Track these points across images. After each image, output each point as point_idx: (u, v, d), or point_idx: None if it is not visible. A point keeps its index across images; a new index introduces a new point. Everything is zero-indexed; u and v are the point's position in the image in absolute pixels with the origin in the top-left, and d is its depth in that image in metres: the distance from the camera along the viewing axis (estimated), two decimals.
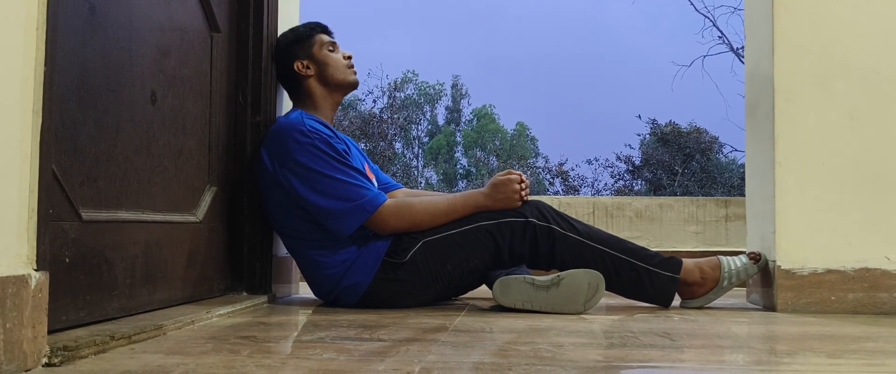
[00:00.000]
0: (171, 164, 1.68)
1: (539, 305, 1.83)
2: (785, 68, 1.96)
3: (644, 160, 17.20)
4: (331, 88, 2.08)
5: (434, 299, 1.98)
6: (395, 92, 20.96)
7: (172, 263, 1.68)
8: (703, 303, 1.98)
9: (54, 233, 1.23)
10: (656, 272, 1.93)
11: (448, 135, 26.98)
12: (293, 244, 1.99)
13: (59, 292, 1.25)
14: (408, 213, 1.90)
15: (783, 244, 1.92)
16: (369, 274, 1.88)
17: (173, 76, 1.69)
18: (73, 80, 1.31)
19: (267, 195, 1.96)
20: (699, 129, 16.84)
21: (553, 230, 1.91)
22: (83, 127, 1.35)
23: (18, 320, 1.01)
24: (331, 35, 2.13)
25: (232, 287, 1.99)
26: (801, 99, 1.95)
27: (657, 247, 2.89)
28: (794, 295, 1.90)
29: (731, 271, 1.96)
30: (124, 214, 1.49)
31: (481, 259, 1.92)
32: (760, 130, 2.07)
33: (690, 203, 3.10)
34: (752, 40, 2.16)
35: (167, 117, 1.66)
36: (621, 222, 3.07)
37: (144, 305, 1.55)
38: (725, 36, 15.07)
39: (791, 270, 1.91)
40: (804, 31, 1.96)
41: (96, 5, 1.39)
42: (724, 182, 16.11)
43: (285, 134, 1.90)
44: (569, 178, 17.79)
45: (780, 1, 1.96)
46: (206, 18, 1.87)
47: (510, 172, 1.97)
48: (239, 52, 2.02)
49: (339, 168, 1.88)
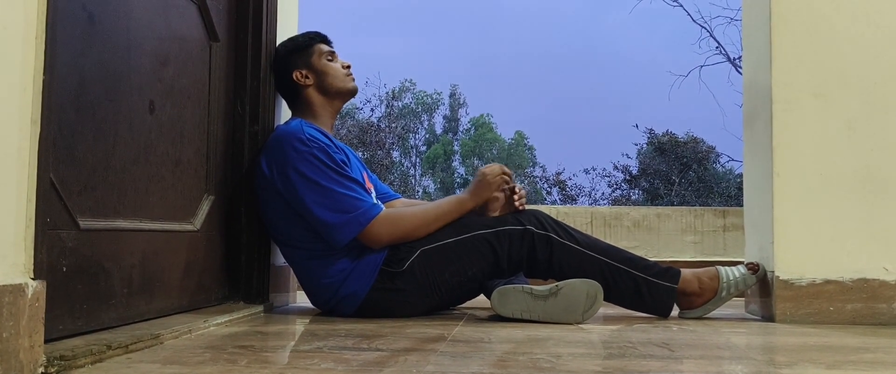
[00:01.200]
0: (169, 173, 1.68)
1: (537, 315, 1.82)
2: (782, 79, 1.96)
3: (641, 170, 17.21)
4: (330, 96, 2.08)
5: (432, 308, 1.98)
6: (393, 101, 20.98)
7: (170, 272, 1.68)
8: (701, 313, 1.97)
9: (52, 242, 1.23)
10: (654, 282, 1.93)
11: (446, 144, 27.00)
12: (291, 253, 1.99)
13: (56, 301, 1.25)
14: (400, 224, 1.90)
15: (781, 255, 1.92)
16: (367, 284, 1.88)
17: (172, 85, 1.69)
18: (71, 89, 1.31)
19: (265, 204, 1.95)
20: (696, 138, 16.86)
21: (551, 239, 1.91)
22: (81, 136, 1.35)
23: (15, 329, 1.01)
24: (330, 44, 2.13)
25: (229, 296, 1.98)
26: (799, 109, 1.95)
27: (655, 257, 2.89)
28: (793, 306, 1.90)
29: (729, 281, 1.96)
30: (122, 222, 1.48)
31: (479, 268, 1.92)
32: (758, 141, 2.07)
33: (688, 213, 3.10)
34: (750, 51, 2.17)
35: (165, 126, 1.66)
36: (619, 231, 3.07)
37: (141, 314, 1.55)
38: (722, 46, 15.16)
39: (789, 280, 1.91)
40: (801, 41, 1.96)
41: (95, 14, 1.39)
42: (721, 192, 16.12)
43: (284, 142, 1.90)
44: (566, 187, 17.79)
45: (778, 11, 1.97)
46: (206, 28, 1.87)
47: (490, 165, 1.98)
48: (237, 61, 2.02)
49: (336, 179, 1.88)
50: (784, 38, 1.97)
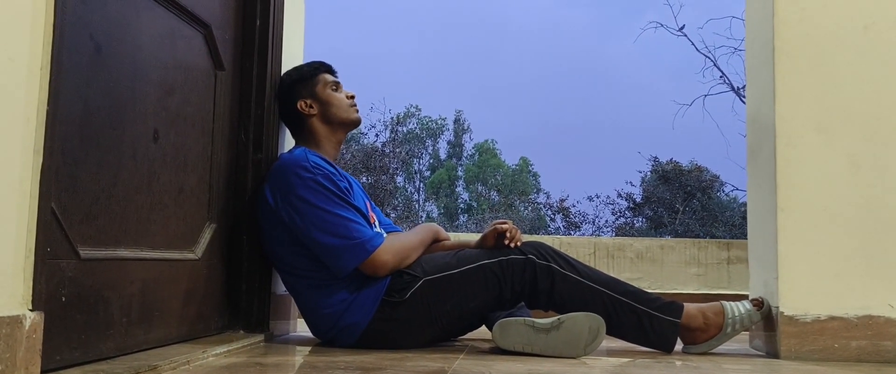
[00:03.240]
0: (172, 201, 1.68)
1: (539, 348, 1.81)
2: (786, 113, 1.96)
3: (645, 197, 17.19)
4: (334, 126, 2.08)
5: (433, 339, 1.96)
6: (398, 126, 21.06)
7: (170, 300, 1.67)
8: (705, 349, 1.95)
9: (51, 271, 1.22)
10: (657, 316, 1.91)
11: (450, 169, 27.04)
12: (292, 282, 1.98)
13: (54, 331, 1.24)
14: (398, 247, 1.92)
15: (786, 290, 1.91)
16: (368, 315, 1.87)
17: (176, 114, 1.70)
18: (75, 117, 1.32)
19: (268, 232, 1.95)
20: (700, 167, 16.86)
21: (552, 269, 1.90)
22: (84, 164, 1.35)
23: (11, 361, 1.00)
24: (334, 74, 2.14)
25: (229, 325, 1.97)
26: (803, 144, 1.95)
27: (658, 289, 2.88)
28: (798, 342, 1.88)
29: (734, 317, 1.94)
30: (123, 251, 1.48)
31: (482, 299, 1.91)
32: (762, 175, 2.07)
33: (692, 245, 3.09)
34: (753, 85, 2.17)
35: (169, 155, 1.66)
36: (622, 262, 3.06)
37: (140, 344, 1.54)
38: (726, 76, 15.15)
39: (794, 316, 1.89)
40: (804, 76, 1.97)
41: (102, 45, 1.40)
42: (725, 220, 16.07)
43: (288, 169, 1.91)
44: (570, 214, 17.76)
45: (781, 47, 1.97)
46: (211, 56, 1.88)
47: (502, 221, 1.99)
48: (242, 89, 2.03)
49: (340, 203, 1.88)
50: (787, 74, 1.97)
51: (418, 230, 2.06)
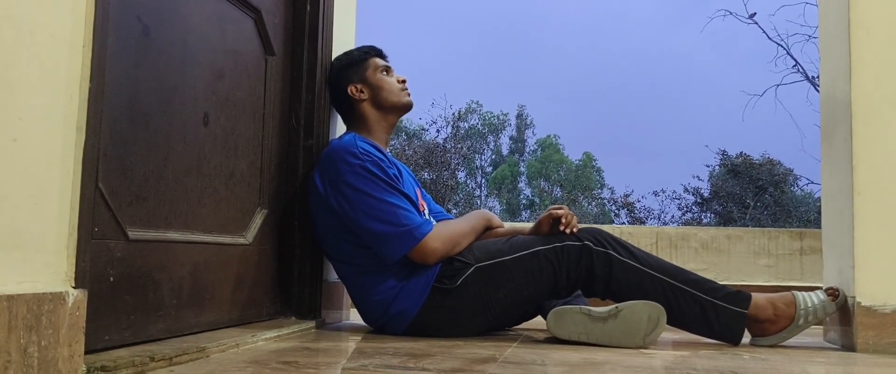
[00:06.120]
0: (222, 185, 1.68)
1: (596, 337, 1.74)
2: (863, 90, 1.83)
3: (713, 192, 16.68)
4: (385, 111, 2.06)
5: (486, 328, 1.91)
6: (459, 122, 21.03)
7: (220, 285, 1.67)
8: (776, 341, 1.85)
9: (98, 251, 1.23)
10: (722, 306, 1.81)
11: (512, 165, 26.88)
12: (343, 269, 1.96)
13: (103, 311, 1.24)
14: (447, 233, 1.87)
15: (863, 279, 1.78)
16: (418, 302, 1.83)
17: (226, 98, 1.70)
18: (124, 99, 1.32)
19: (318, 219, 1.94)
20: (772, 160, 16.24)
21: (610, 256, 1.83)
22: (133, 146, 1.35)
23: (54, 338, 1.00)
24: (385, 58, 2.11)
25: (281, 312, 1.97)
26: (881, 122, 1.82)
27: (725, 281, 2.75)
28: (876, 334, 1.76)
29: (807, 308, 1.83)
30: (173, 234, 1.48)
31: (536, 286, 1.85)
32: (837, 157, 1.94)
33: (761, 235, 2.94)
34: (828, 61, 2.04)
35: (219, 139, 1.66)
36: (686, 252, 2.94)
37: (190, 327, 1.54)
38: (800, 64, 14.53)
39: (872, 307, 1.76)
40: (883, 50, 1.83)
41: (150, 27, 1.40)
42: (799, 216, 15.46)
43: (337, 156, 1.89)
44: (635, 209, 17.39)
45: (856, 18, 1.85)
46: (262, 41, 1.88)
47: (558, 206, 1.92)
48: (293, 74, 2.03)
49: (388, 190, 1.84)
50: (863, 48, 1.84)
51: (469, 217, 2.01)
